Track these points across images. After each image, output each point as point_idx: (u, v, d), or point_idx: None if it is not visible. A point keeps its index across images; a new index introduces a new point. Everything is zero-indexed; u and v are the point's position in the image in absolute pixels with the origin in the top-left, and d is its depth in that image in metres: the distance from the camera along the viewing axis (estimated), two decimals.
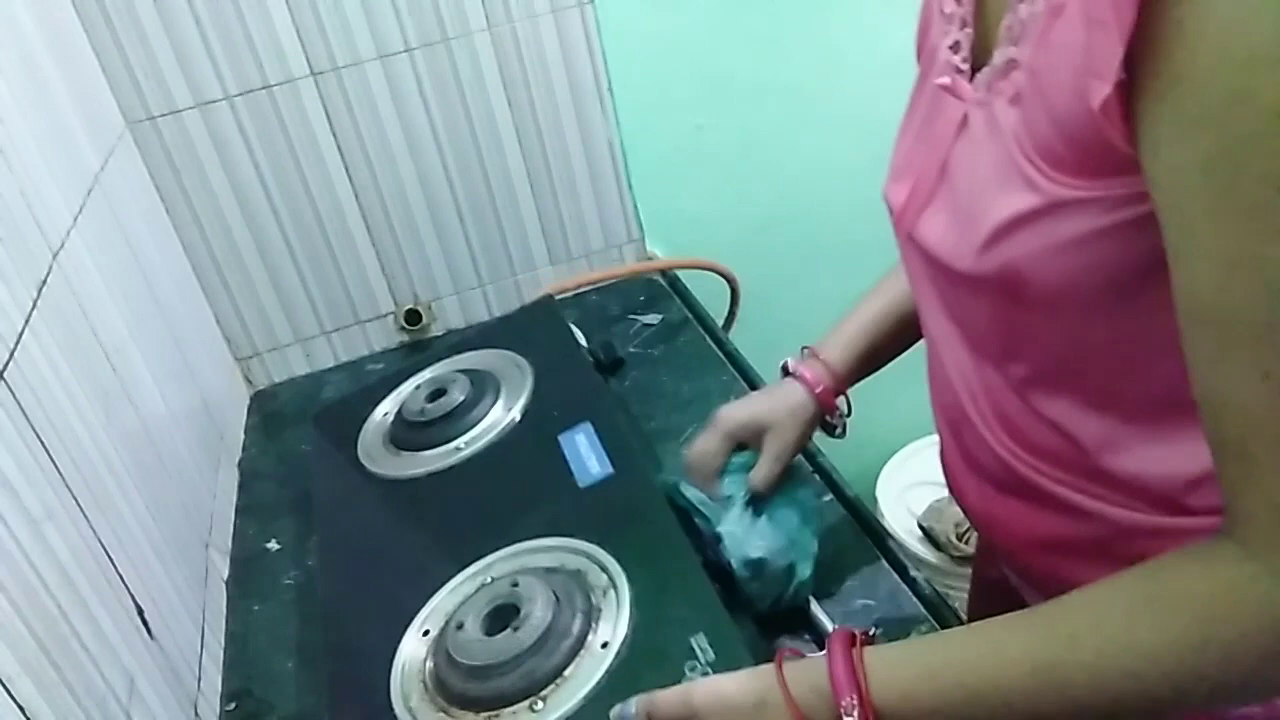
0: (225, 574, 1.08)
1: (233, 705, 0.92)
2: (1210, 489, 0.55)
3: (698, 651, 0.72)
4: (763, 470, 0.86)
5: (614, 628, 0.76)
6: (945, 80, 0.65)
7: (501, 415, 1.06)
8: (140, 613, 0.81)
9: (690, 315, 1.39)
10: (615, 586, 0.80)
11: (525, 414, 1.06)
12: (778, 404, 0.88)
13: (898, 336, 0.90)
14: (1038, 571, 0.77)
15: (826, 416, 0.90)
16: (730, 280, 1.46)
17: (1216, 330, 0.50)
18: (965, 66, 0.63)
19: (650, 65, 1.45)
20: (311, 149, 1.33)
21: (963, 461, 0.77)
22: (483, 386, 1.10)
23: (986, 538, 0.83)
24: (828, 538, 0.95)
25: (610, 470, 0.93)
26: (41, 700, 0.60)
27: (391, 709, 0.77)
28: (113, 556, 0.79)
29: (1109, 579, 0.56)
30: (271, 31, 1.25)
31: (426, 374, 1.18)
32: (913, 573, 0.88)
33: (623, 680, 0.72)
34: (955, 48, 0.64)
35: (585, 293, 1.51)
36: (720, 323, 1.36)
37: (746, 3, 1.40)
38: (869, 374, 0.91)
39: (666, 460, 1.06)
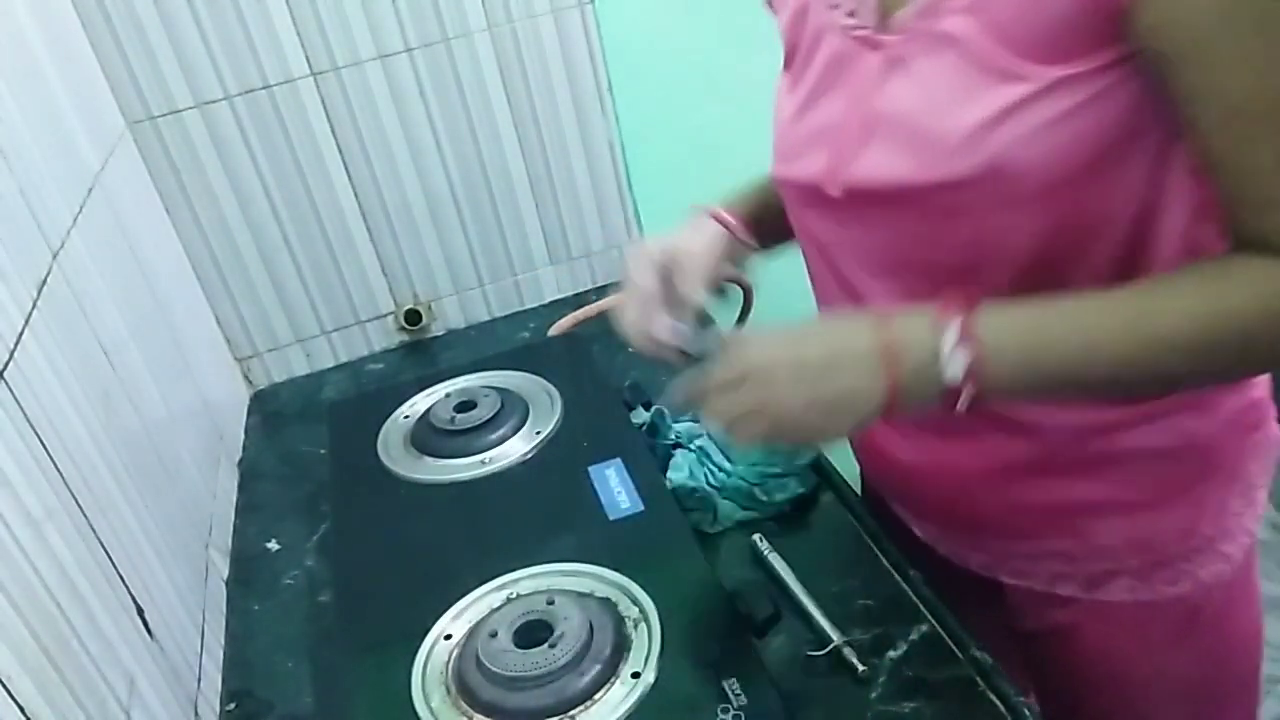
0: (225, 574, 1.08)
1: (233, 705, 0.92)
2: None
3: (730, 695, 0.72)
4: (696, 294, 0.86)
5: (645, 660, 0.77)
6: (863, 33, 0.70)
7: (529, 438, 1.08)
8: (140, 613, 0.81)
9: None
10: (646, 619, 0.81)
11: (553, 440, 1.07)
12: (694, 236, 0.91)
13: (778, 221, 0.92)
14: (974, 512, 0.83)
15: (742, 242, 0.93)
16: (745, 289, 1.45)
17: (1242, 124, 0.59)
18: (871, 22, 0.70)
19: (650, 65, 1.45)
20: (311, 149, 1.33)
21: (904, 421, 0.83)
22: (511, 406, 1.11)
23: (925, 500, 0.90)
24: (827, 538, 0.95)
25: (641, 507, 0.94)
26: (41, 700, 0.60)
27: (413, 707, 0.77)
28: (113, 556, 0.79)
29: (1173, 275, 0.65)
30: (271, 31, 1.25)
31: (457, 384, 1.20)
32: (912, 573, 0.88)
33: (652, 712, 0.73)
34: (853, 13, 0.71)
35: (584, 291, 1.51)
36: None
37: (747, 2, 1.40)
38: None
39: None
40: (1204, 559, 0.80)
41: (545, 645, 0.77)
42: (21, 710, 0.58)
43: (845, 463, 1.03)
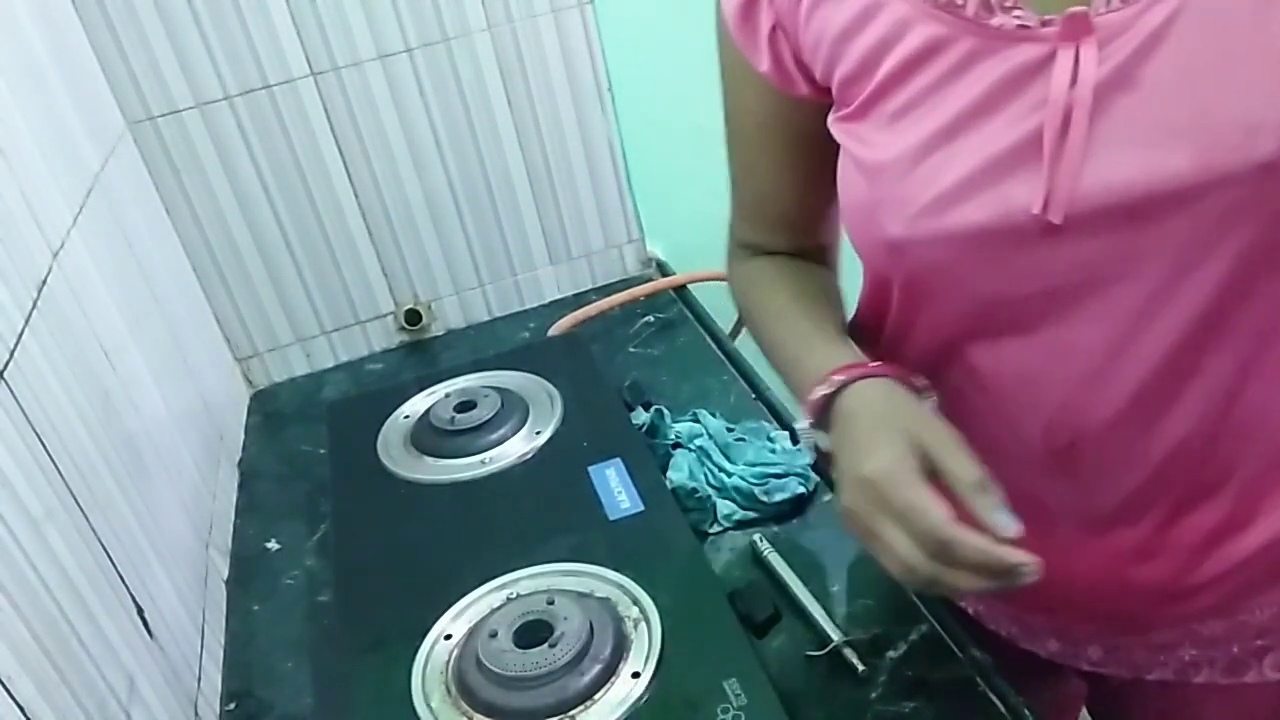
0: (225, 574, 1.08)
1: (233, 705, 0.92)
2: None
3: (730, 695, 0.72)
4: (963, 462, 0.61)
5: (645, 659, 0.77)
6: (1056, 25, 0.57)
7: (529, 438, 1.08)
8: (140, 613, 0.81)
9: (690, 315, 1.40)
10: (646, 619, 0.81)
11: (553, 440, 1.07)
12: (898, 408, 0.65)
13: None
14: (1112, 609, 0.76)
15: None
16: None
17: None
18: (1056, 11, 0.57)
19: (650, 65, 1.45)
20: (311, 149, 1.33)
21: (1063, 505, 0.70)
22: (512, 406, 1.11)
23: (1035, 598, 0.67)
24: (827, 538, 0.95)
25: (641, 507, 0.94)
26: (41, 700, 0.60)
27: (413, 707, 0.77)
28: (113, 556, 0.79)
29: None
30: (271, 31, 1.25)
31: (457, 384, 1.20)
32: None
33: (652, 712, 0.73)
34: (1019, 15, 0.58)
35: (584, 291, 1.51)
36: (729, 328, 1.36)
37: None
38: None
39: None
40: None
41: (545, 645, 0.77)
42: (21, 710, 0.58)
43: None
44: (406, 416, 1.16)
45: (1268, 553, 0.70)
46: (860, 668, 0.79)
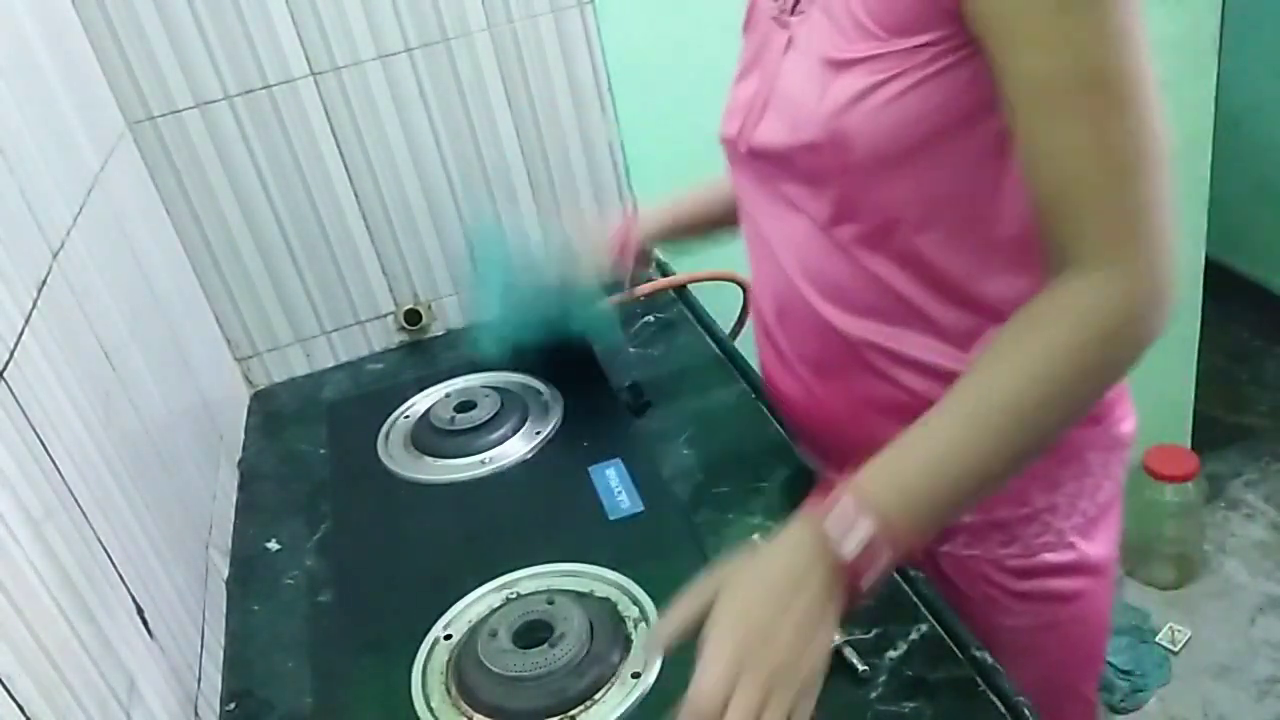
0: (225, 574, 1.08)
1: (233, 705, 0.92)
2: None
3: None
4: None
5: (645, 660, 0.77)
6: (774, 13, 0.81)
7: (529, 438, 1.08)
8: (140, 613, 0.81)
9: (690, 315, 1.39)
10: (647, 620, 0.81)
11: (553, 441, 1.07)
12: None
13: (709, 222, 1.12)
14: (857, 445, 0.82)
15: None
16: (746, 287, 1.45)
17: (1046, 102, 0.64)
18: (789, 4, 0.80)
19: (650, 65, 1.45)
20: (311, 149, 1.33)
21: (788, 355, 0.91)
22: (511, 406, 1.12)
23: (809, 431, 0.98)
24: None
25: (641, 507, 0.94)
26: (41, 700, 0.60)
27: (413, 707, 0.77)
28: (113, 556, 0.79)
29: (994, 341, 0.69)
30: (271, 31, 1.25)
31: (457, 384, 1.20)
32: (913, 573, 0.88)
33: (652, 712, 0.73)
34: None
35: None
36: (730, 328, 1.36)
37: (746, 3, 1.41)
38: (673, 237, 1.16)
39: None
40: (1035, 529, 0.88)
41: (545, 645, 0.77)
42: (21, 710, 0.58)
43: None
44: (406, 416, 1.16)
45: None
46: (860, 668, 0.79)
